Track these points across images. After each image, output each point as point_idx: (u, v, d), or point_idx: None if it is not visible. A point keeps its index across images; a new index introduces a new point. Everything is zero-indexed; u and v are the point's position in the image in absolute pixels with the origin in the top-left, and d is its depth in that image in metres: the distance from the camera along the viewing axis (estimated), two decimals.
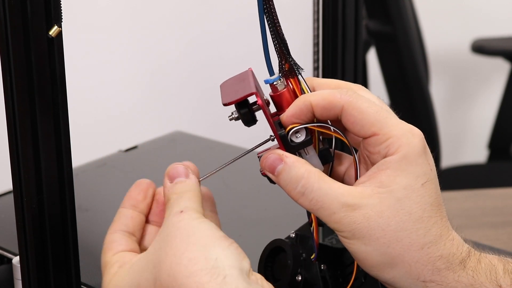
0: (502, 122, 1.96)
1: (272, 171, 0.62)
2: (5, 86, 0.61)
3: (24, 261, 0.64)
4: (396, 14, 1.65)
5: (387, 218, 0.59)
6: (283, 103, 0.63)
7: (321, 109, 0.62)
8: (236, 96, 0.62)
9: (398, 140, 0.61)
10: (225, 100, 0.62)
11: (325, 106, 0.62)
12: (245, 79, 0.64)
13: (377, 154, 0.61)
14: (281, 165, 0.61)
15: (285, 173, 0.61)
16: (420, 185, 0.60)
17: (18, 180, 0.63)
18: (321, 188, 0.60)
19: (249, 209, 0.93)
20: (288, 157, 0.61)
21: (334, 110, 0.62)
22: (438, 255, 0.60)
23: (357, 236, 0.60)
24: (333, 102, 0.62)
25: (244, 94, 0.62)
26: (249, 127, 0.64)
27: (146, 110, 1.94)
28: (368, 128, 0.61)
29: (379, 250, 0.60)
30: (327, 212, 0.60)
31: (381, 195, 0.60)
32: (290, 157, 0.62)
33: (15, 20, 0.59)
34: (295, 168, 0.61)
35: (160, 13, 1.90)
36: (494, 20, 2.34)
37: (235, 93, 0.63)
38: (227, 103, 0.62)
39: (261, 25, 0.62)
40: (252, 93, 0.62)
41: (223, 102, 0.62)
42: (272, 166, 0.62)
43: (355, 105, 0.61)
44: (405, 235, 0.59)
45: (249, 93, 0.62)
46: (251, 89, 0.62)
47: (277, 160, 0.62)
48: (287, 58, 0.62)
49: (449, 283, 0.60)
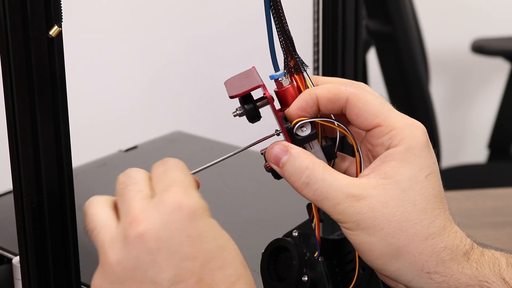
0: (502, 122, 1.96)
1: (277, 163, 0.62)
2: (5, 86, 0.61)
3: (24, 261, 0.64)
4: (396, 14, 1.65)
5: (391, 209, 0.60)
6: (288, 99, 0.64)
7: (327, 101, 0.62)
8: (243, 88, 0.62)
9: (402, 132, 0.61)
10: (232, 93, 0.62)
11: (330, 98, 0.62)
12: (250, 76, 0.64)
13: (380, 146, 0.62)
14: (286, 156, 0.62)
15: (289, 163, 0.61)
16: (424, 177, 0.61)
17: (18, 180, 0.63)
18: (326, 178, 0.61)
19: (249, 209, 0.93)
20: (293, 148, 0.62)
21: (339, 102, 0.62)
22: (442, 246, 0.60)
23: (362, 227, 0.60)
24: (338, 94, 0.62)
25: (251, 87, 0.62)
26: (253, 123, 0.64)
27: (146, 110, 1.94)
28: (372, 120, 0.62)
29: (384, 240, 0.60)
30: (331, 203, 0.60)
31: (385, 186, 0.60)
32: (295, 149, 0.62)
33: (15, 20, 0.59)
34: (300, 158, 0.61)
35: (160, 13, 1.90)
36: (494, 20, 2.34)
37: (241, 87, 0.63)
38: (234, 95, 0.62)
39: (267, 21, 0.62)
40: (260, 85, 0.62)
41: (230, 94, 0.62)
42: (277, 157, 0.62)
43: (360, 96, 0.62)
44: (410, 226, 0.60)
45: (257, 85, 0.62)
46: (258, 82, 0.62)
47: (282, 151, 0.62)
48: (293, 54, 0.63)
49: (453, 274, 0.60)
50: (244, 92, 0.62)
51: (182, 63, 1.95)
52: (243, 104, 0.63)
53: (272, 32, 0.62)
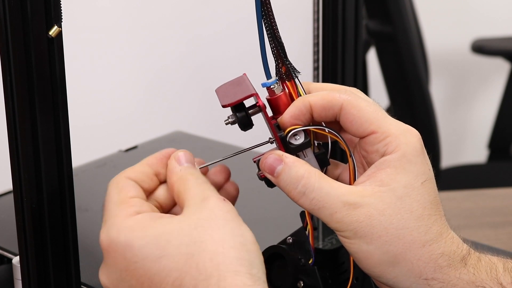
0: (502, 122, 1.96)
1: (272, 172, 0.62)
2: (5, 86, 0.61)
3: (24, 261, 0.64)
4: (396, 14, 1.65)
5: (389, 216, 0.59)
6: (280, 107, 0.63)
7: (320, 109, 0.62)
8: (236, 97, 0.62)
9: (397, 139, 0.61)
10: (225, 102, 0.62)
11: (324, 105, 0.62)
12: (242, 83, 0.64)
13: (375, 153, 0.62)
14: (281, 165, 0.61)
15: (284, 173, 0.61)
16: (420, 184, 0.60)
17: (18, 180, 0.63)
18: (322, 187, 0.60)
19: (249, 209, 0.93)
20: (287, 158, 0.61)
21: (333, 110, 0.62)
22: (440, 252, 0.60)
23: (359, 235, 0.60)
24: (332, 101, 0.62)
25: (244, 95, 0.62)
26: (245, 131, 0.64)
27: (146, 110, 1.94)
28: (366, 127, 0.61)
29: (381, 248, 0.60)
30: (328, 212, 0.60)
31: (382, 193, 0.60)
32: (289, 158, 0.62)
33: (15, 20, 0.59)
34: (295, 168, 0.61)
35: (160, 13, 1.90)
36: (494, 20, 2.34)
37: (234, 95, 0.62)
38: (226, 104, 0.62)
39: (259, 29, 0.62)
40: (253, 94, 0.62)
41: (223, 103, 0.62)
42: (272, 167, 0.62)
43: (354, 103, 0.62)
44: (407, 233, 0.60)
45: (250, 94, 0.62)
46: (251, 91, 0.62)
47: (276, 161, 0.61)
48: (284, 61, 0.63)
49: (451, 280, 0.60)
50: (237, 101, 0.62)
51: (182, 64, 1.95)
52: (235, 112, 0.63)
53: (264, 39, 0.62)
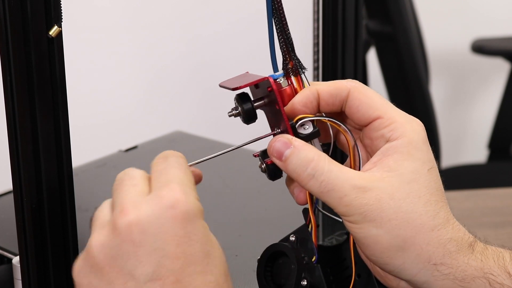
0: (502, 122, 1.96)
1: (280, 157, 0.61)
2: (5, 86, 0.61)
3: (24, 261, 0.64)
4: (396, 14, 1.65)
5: (398, 200, 0.60)
6: (285, 100, 0.64)
7: (327, 96, 0.63)
8: (248, 80, 0.62)
9: (402, 126, 0.62)
10: (235, 85, 0.61)
11: (331, 92, 0.63)
12: (248, 75, 0.64)
13: (380, 139, 0.62)
14: (290, 149, 0.61)
15: (294, 156, 0.61)
16: (426, 170, 0.61)
17: (18, 180, 0.63)
18: (332, 170, 0.60)
19: (249, 209, 0.93)
20: (297, 141, 0.62)
21: (341, 96, 0.63)
22: (448, 237, 0.60)
23: (368, 219, 0.60)
24: (340, 87, 0.63)
25: (258, 79, 0.62)
26: (248, 124, 0.64)
27: (146, 110, 1.94)
28: (372, 112, 0.62)
29: (391, 232, 0.60)
30: (337, 195, 0.60)
31: (391, 178, 0.60)
32: (299, 141, 0.62)
33: (15, 20, 0.59)
34: (305, 151, 0.61)
35: (160, 13, 1.90)
36: (494, 20, 2.34)
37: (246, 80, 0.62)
38: (238, 87, 0.61)
39: (269, 23, 0.62)
40: (266, 78, 0.62)
41: (234, 86, 0.61)
42: (280, 151, 0.61)
43: (361, 89, 0.63)
44: (416, 217, 0.60)
45: (264, 77, 0.62)
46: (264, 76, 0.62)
47: (285, 144, 0.61)
48: (292, 56, 0.63)
49: (460, 266, 0.60)
50: (251, 83, 0.61)
51: (182, 63, 1.95)
52: (241, 104, 0.63)
53: (273, 33, 0.62)
